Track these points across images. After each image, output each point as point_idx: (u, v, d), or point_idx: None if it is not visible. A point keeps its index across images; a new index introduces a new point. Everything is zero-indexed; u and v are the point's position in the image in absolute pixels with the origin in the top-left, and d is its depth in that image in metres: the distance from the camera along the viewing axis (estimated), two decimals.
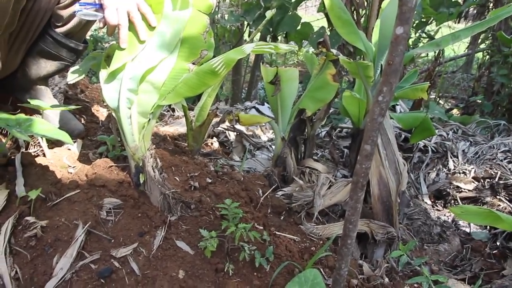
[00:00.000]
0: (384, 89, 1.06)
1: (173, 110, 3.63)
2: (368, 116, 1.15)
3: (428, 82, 2.51)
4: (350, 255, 1.28)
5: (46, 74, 2.10)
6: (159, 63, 1.67)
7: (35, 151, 2.06)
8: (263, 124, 3.61)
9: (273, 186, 2.31)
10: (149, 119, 1.74)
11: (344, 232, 1.26)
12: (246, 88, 7.51)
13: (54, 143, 2.10)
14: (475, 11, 7.01)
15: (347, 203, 1.25)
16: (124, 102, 1.65)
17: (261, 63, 2.58)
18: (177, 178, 1.90)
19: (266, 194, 2.04)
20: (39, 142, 2.08)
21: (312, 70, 2.43)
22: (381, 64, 2.29)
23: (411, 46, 5.12)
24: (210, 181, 1.97)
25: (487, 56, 5.70)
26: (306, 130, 2.61)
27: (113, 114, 1.74)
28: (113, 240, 1.66)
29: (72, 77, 1.87)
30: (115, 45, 1.69)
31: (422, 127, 2.81)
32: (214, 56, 1.72)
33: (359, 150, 1.17)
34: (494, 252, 2.50)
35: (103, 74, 1.70)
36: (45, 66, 2.07)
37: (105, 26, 1.66)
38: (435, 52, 5.36)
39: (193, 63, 1.76)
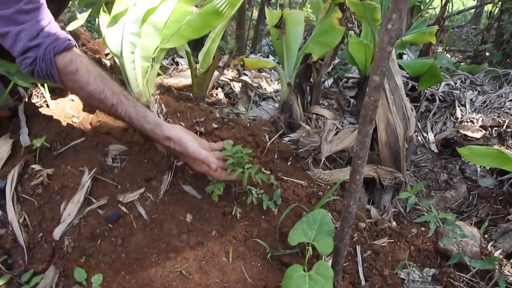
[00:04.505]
0: (393, 16, 1.02)
1: (177, 63, 3.59)
2: (377, 45, 1.11)
3: (437, 26, 2.45)
4: (359, 191, 1.27)
5: None
6: (160, 3, 1.63)
7: (38, 102, 2.04)
8: (268, 76, 3.57)
9: (280, 132, 2.29)
10: (152, 64, 1.71)
11: (352, 168, 1.24)
12: (250, 45, 7.44)
13: (57, 94, 2.08)
14: None
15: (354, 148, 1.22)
16: (127, 47, 1.62)
17: (265, 7, 2.52)
18: (183, 124, 1.88)
19: (272, 139, 2.02)
20: (42, 93, 2.05)
21: (318, 16, 2.38)
22: (389, 7, 2.22)
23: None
24: (216, 126, 1.94)
25: (497, 7, 5.57)
26: (312, 76, 2.56)
27: (116, 60, 1.72)
28: (119, 186, 1.66)
29: (71, 23, 1.83)
30: None
31: (430, 73, 2.75)
32: None
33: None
34: (500, 198, 2.50)
35: (104, 19, 1.67)
36: None
37: None
38: None
39: (196, 6, 1.71)
